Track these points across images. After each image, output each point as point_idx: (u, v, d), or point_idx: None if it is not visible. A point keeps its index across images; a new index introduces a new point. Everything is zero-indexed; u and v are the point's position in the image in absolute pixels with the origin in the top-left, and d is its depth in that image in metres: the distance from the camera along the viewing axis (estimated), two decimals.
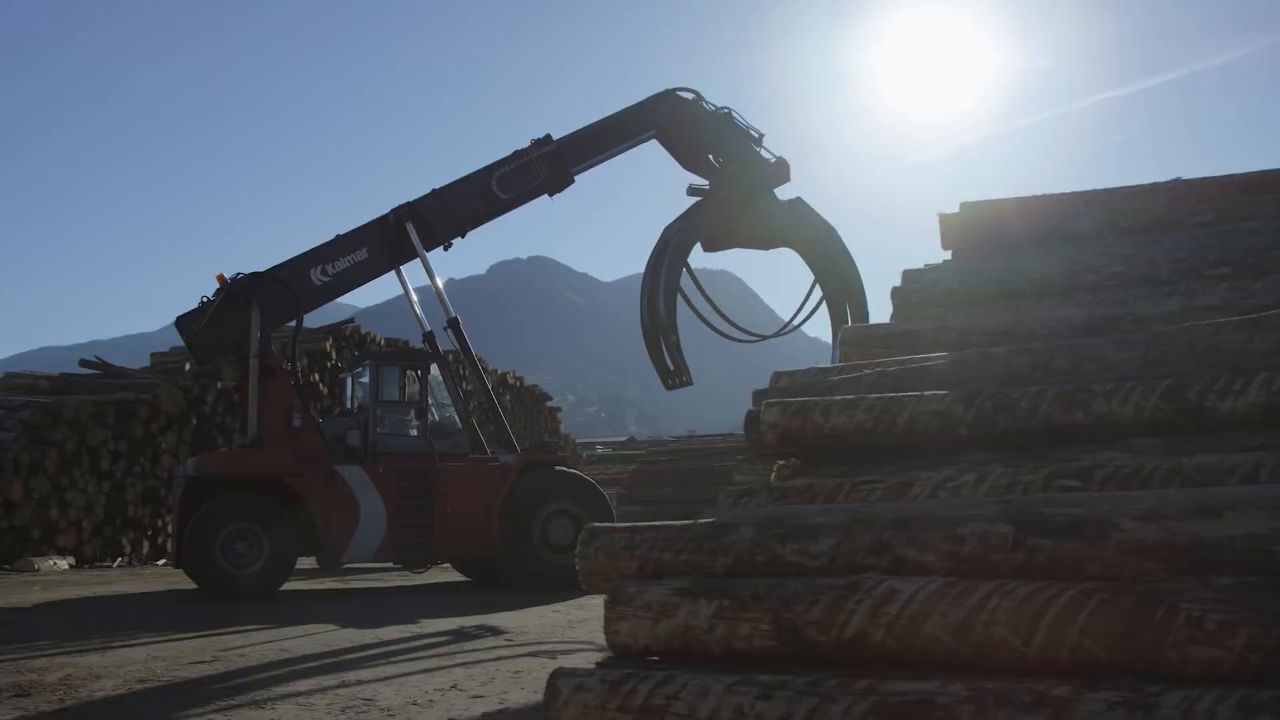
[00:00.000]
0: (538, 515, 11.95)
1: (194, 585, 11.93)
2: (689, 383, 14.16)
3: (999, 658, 2.57)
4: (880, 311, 16.05)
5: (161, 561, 17.55)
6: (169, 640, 7.64)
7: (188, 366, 20.03)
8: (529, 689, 5.68)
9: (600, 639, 7.41)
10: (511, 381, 27.04)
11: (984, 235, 7.42)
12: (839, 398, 3.96)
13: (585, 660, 6.70)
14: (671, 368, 13.64)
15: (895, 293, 6.62)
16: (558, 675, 2.73)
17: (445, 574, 13.76)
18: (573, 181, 13.84)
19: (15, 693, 5.52)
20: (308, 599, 11.27)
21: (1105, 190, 7.54)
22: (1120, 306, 5.37)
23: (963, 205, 8.01)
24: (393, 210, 12.76)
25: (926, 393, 3.84)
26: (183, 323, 11.87)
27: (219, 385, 19.76)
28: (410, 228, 12.60)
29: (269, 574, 10.99)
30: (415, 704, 5.30)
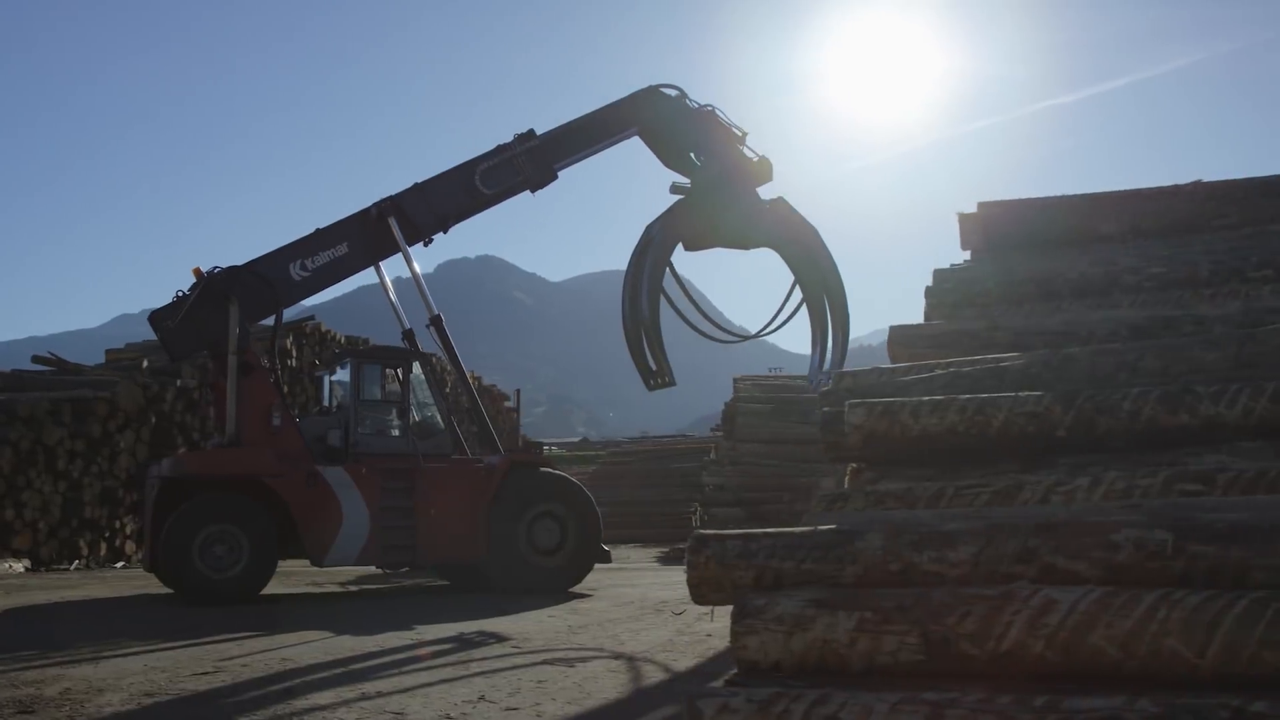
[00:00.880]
0: (523, 518, 11.72)
1: (167, 590, 11.55)
2: (671, 383, 14.01)
3: (1170, 670, 2.45)
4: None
5: (120, 564, 17.01)
6: (160, 649, 7.32)
7: (145, 364, 19.46)
8: (560, 700, 5.49)
9: (609, 645, 7.25)
10: (470, 381, 26.67)
11: (1005, 235, 7.37)
12: (928, 398, 3.83)
13: (605, 668, 6.54)
14: (654, 367, 13.48)
15: (929, 292, 6.53)
16: (697, 696, 2.56)
17: (425, 577, 13.46)
18: (556, 177, 13.64)
19: (18, 709, 5.20)
20: (289, 604, 10.92)
21: (1126, 192, 7.51)
22: (1177, 308, 5.32)
23: (980, 205, 7.95)
24: (375, 204, 12.44)
25: (1022, 394, 3.73)
26: (157, 318, 11.45)
27: (178, 383, 19.20)
28: (393, 222, 12.29)
29: (249, 578, 10.63)
30: (449, 717, 5.08)
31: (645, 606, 10.24)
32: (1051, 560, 2.69)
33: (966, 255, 8.22)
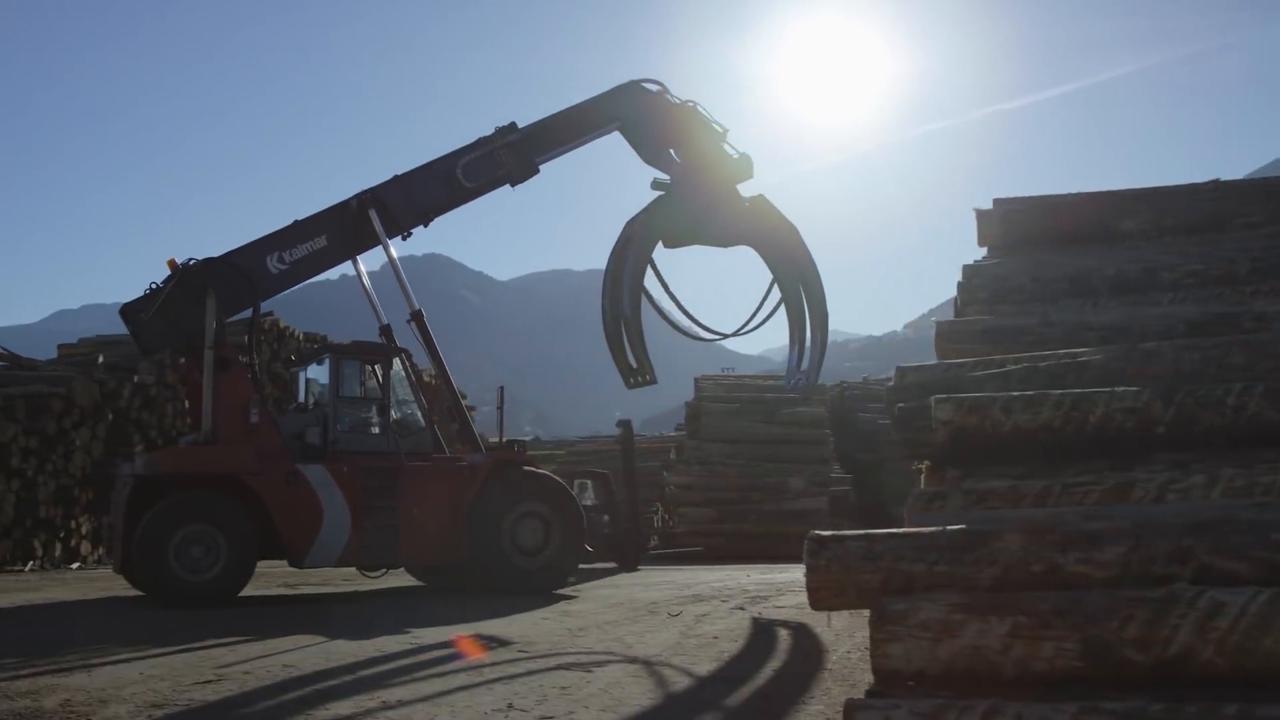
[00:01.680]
0: (507, 518, 11.48)
1: (136, 592, 11.13)
2: (652, 381, 13.81)
3: None
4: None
5: (76, 565, 16.43)
6: (150, 655, 6.97)
7: (101, 359, 18.84)
8: (594, 708, 5.29)
9: (618, 649, 7.04)
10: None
11: (1025, 232, 7.31)
12: (1018, 394, 3.71)
13: (624, 673, 6.34)
14: (635, 365, 13.28)
15: (961, 288, 6.43)
16: (857, 708, 2.40)
17: (399, 578, 13.14)
18: (537, 171, 13.40)
19: None
20: (269, 607, 10.57)
21: (1146, 190, 7.49)
22: (1223, 304, 5.28)
23: (997, 202, 7.88)
24: (355, 197, 12.12)
25: (1118, 389, 3.62)
26: (129, 310, 11.01)
27: (135, 379, 18.62)
28: (373, 214, 11.98)
29: (227, 580, 10.25)
30: None
31: (637, 608, 10.06)
32: (1208, 560, 2.57)
33: (981, 252, 8.15)
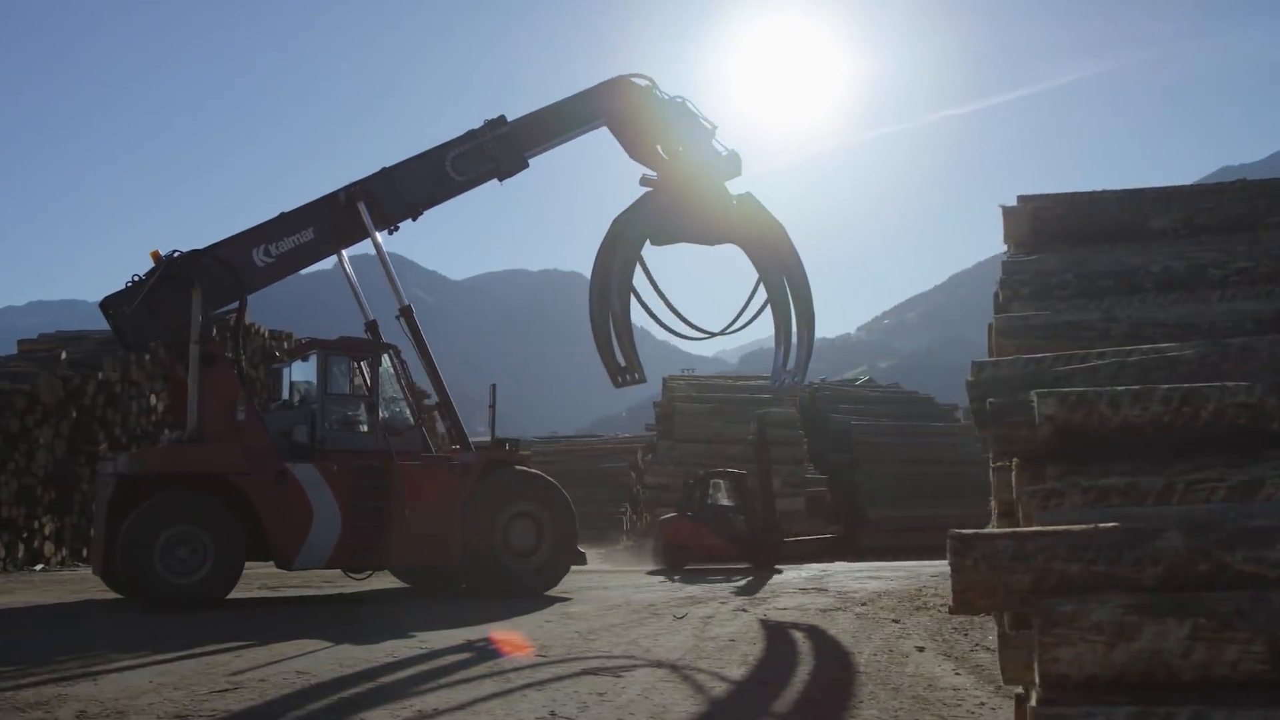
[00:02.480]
0: (499, 518, 11.25)
1: (114, 595, 10.77)
2: (641, 380, 13.66)
3: None
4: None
5: (39, 566, 15.88)
6: (154, 662, 6.67)
7: (63, 355, 18.26)
8: (640, 714, 5.12)
9: (637, 652, 6.85)
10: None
11: (1054, 229, 7.24)
12: (1125, 389, 3.60)
13: (656, 678, 6.17)
14: (623, 364, 13.09)
15: (1003, 283, 6.35)
16: (1049, 718, 2.26)
17: (383, 580, 12.84)
18: (526, 165, 13.17)
19: None
20: (256, 610, 10.23)
21: (1174, 188, 7.47)
22: (1274, 301, 5.23)
23: (1022, 199, 7.82)
24: (343, 189, 11.81)
25: (1229, 384, 3.51)
26: (110, 304, 10.62)
27: (99, 375, 18.08)
28: (362, 208, 11.68)
29: (214, 583, 9.90)
30: None
31: (637, 610, 9.89)
32: None
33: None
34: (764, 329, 15.15)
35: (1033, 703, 2.52)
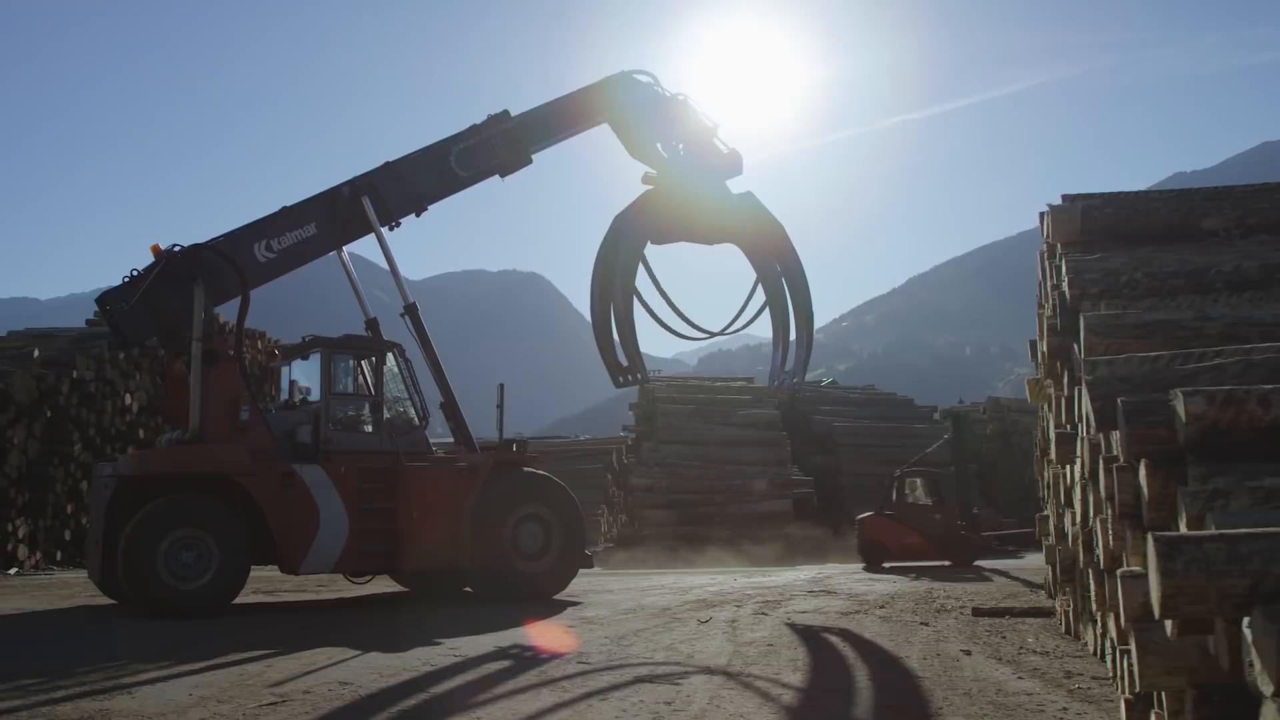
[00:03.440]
0: (508, 520, 11.01)
1: (108, 600, 10.41)
2: (644, 380, 13.52)
3: None
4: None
5: (13, 570, 15.36)
6: (185, 674, 6.36)
7: (36, 353, 17.69)
8: None
9: (679, 658, 6.66)
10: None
11: (1105, 228, 7.19)
12: (1273, 387, 3.49)
13: (718, 686, 5.98)
14: (625, 364, 12.91)
15: (1072, 282, 6.27)
16: None
17: (380, 584, 12.54)
18: (530, 161, 12.94)
19: None
20: (260, 616, 9.93)
21: (1224, 189, 7.44)
22: None
23: (1066, 198, 7.75)
24: (347, 183, 11.51)
25: None
26: (107, 299, 10.24)
27: (74, 374, 17.55)
28: (367, 202, 11.40)
29: (219, 588, 9.58)
30: None
31: (654, 613, 9.72)
32: None
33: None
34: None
35: (1272, 709, 2.39)
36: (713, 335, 15.01)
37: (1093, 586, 6.27)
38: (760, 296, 14.29)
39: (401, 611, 10.36)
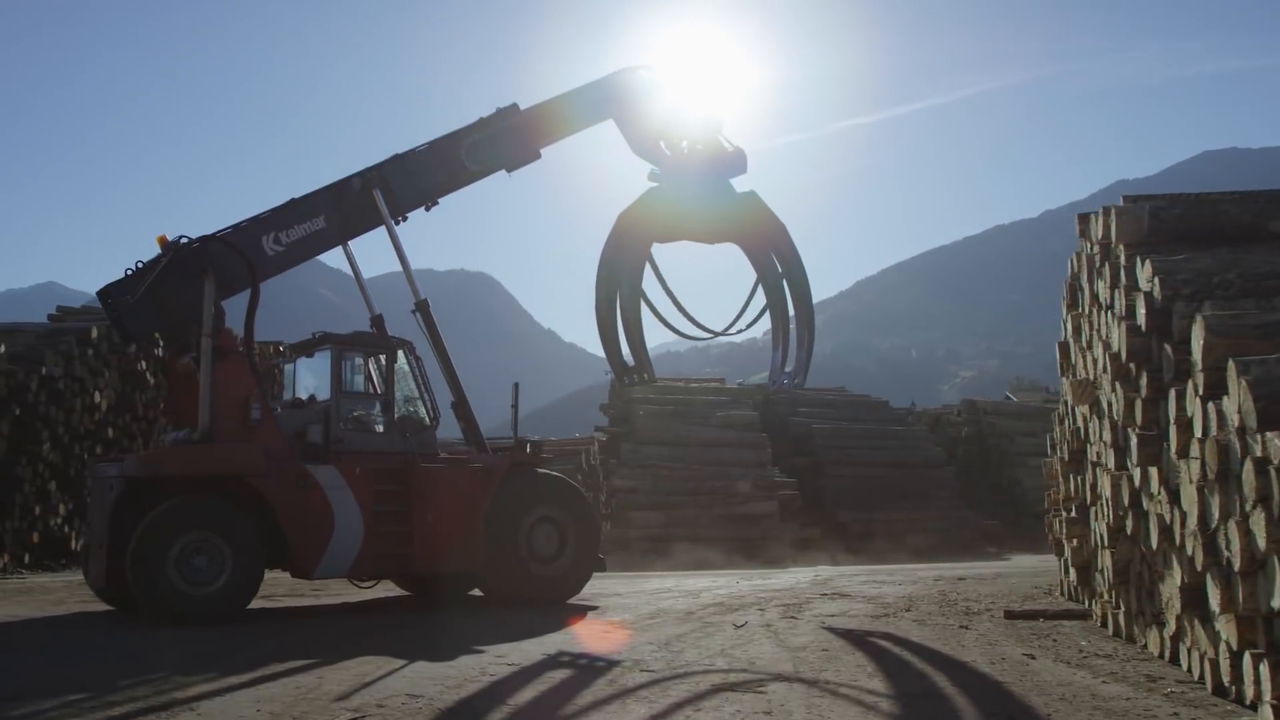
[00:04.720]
0: (523, 523, 10.74)
1: (105, 607, 9.99)
2: (651, 379, 13.31)
3: None
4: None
5: None
6: (238, 687, 6.02)
7: (2, 349, 16.98)
8: None
9: (739, 665, 6.48)
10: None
11: (1174, 230, 7.14)
12: None
13: (806, 695, 5.78)
14: (631, 364, 12.72)
15: (1164, 283, 6.19)
16: None
17: (381, 589, 12.18)
18: (539, 156, 12.69)
19: None
20: (275, 622, 9.56)
21: None
22: None
23: (1127, 199, 7.69)
24: (357, 175, 11.16)
25: None
26: (110, 292, 9.80)
27: (43, 371, 16.89)
28: (378, 195, 11.06)
29: (233, 593, 9.19)
30: None
31: (679, 617, 9.55)
32: None
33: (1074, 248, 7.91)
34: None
35: None
36: (716, 335, 14.86)
37: (1172, 590, 6.19)
38: (761, 298, 14.18)
39: (423, 617, 10.03)
